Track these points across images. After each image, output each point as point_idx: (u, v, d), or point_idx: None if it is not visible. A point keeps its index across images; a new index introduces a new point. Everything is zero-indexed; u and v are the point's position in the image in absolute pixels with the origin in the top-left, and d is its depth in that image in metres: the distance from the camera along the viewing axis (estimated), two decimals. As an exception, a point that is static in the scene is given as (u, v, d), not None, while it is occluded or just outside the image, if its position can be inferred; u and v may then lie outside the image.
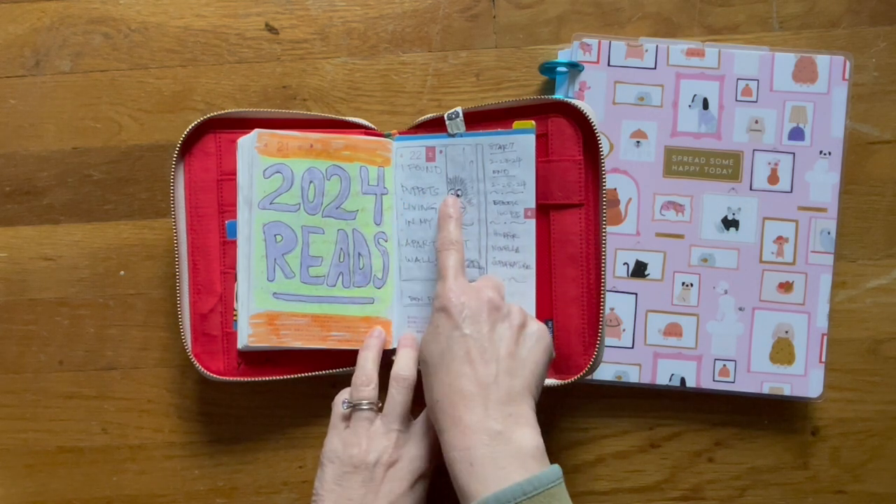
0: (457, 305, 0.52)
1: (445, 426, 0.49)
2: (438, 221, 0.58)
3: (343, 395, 0.57)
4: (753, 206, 0.60)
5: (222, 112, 0.59)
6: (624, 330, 0.60)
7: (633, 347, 0.60)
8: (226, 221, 0.60)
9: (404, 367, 0.57)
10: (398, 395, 0.55)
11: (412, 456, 0.54)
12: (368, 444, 0.54)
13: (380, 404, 0.56)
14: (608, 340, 0.60)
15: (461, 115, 0.58)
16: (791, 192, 0.60)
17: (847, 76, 0.59)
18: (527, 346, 0.52)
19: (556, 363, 0.57)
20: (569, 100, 0.56)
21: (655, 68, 0.60)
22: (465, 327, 0.51)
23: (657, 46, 0.59)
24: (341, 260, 0.59)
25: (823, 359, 0.59)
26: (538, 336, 0.53)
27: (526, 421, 0.49)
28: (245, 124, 0.59)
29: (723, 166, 0.60)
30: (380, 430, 0.54)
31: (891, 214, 0.62)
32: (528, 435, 0.49)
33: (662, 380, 0.60)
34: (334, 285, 0.59)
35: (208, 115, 0.59)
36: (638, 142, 0.60)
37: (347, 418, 0.56)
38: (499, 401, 0.49)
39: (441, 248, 0.56)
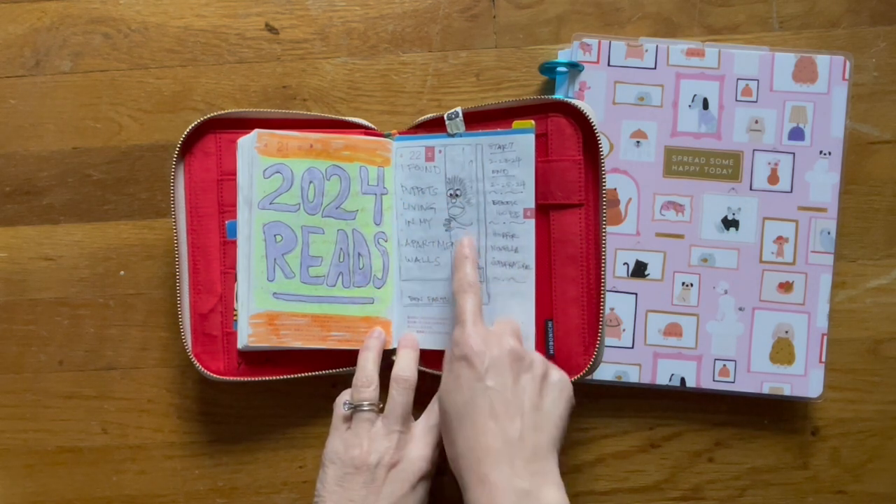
0: (478, 354, 0.51)
1: (470, 483, 0.49)
2: (454, 262, 0.57)
3: (344, 397, 0.57)
4: (753, 206, 0.60)
5: (222, 112, 0.59)
6: (624, 330, 0.60)
7: (633, 347, 0.60)
8: (226, 221, 0.60)
9: (405, 367, 0.56)
10: (399, 396, 0.55)
11: (414, 457, 0.54)
12: (370, 445, 0.54)
13: (381, 405, 0.56)
14: (608, 340, 0.60)
15: (461, 115, 0.58)
16: (791, 192, 0.60)
17: (847, 76, 0.59)
18: (550, 397, 0.52)
19: (556, 363, 0.57)
20: (569, 100, 0.56)
21: (655, 68, 0.60)
22: (489, 379, 0.50)
23: (657, 46, 0.59)
24: (341, 260, 0.59)
25: (823, 359, 0.59)
26: (561, 386, 0.52)
27: (552, 479, 0.49)
28: (245, 124, 0.59)
29: (723, 166, 0.60)
30: (381, 431, 0.54)
31: (891, 214, 0.62)
32: (554, 494, 0.48)
33: (662, 380, 0.60)
34: (334, 285, 0.59)
35: (208, 115, 0.59)
36: (638, 142, 0.60)
37: (349, 419, 0.56)
38: (525, 458, 0.48)
39: (458, 290, 0.55)
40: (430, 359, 0.60)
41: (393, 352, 0.60)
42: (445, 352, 0.55)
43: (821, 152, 0.59)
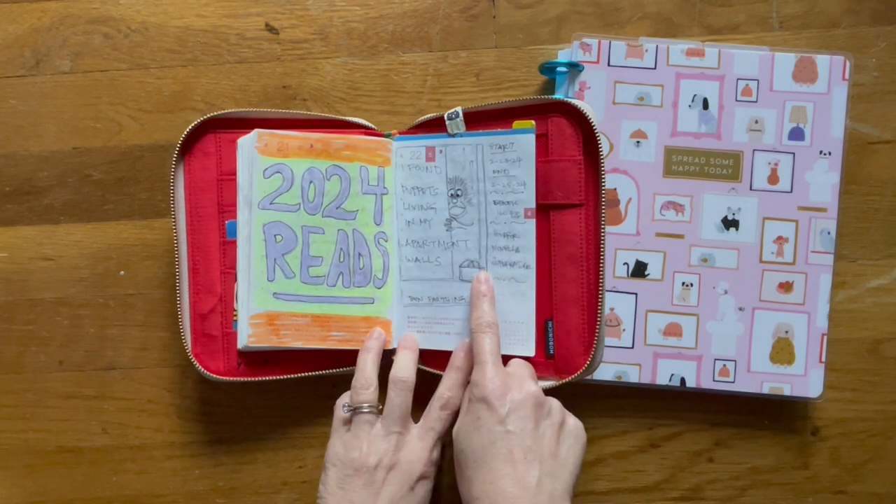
0: (499, 397, 0.51)
1: None
2: (472, 299, 0.57)
3: (344, 399, 0.57)
4: (753, 206, 0.60)
5: (222, 112, 0.59)
6: (624, 330, 0.60)
7: (633, 347, 0.60)
8: (226, 221, 0.60)
9: (403, 368, 0.56)
10: (397, 397, 0.55)
11: (412, 459, 0.54)
12: (369, 447, 0.54)
13: (380, 407, 0.56)
14: (608, 340, 0.60)
15: (461, 114, 0.58)
16: (791, 192, 0.60)
17: (847, 76, 0.59)
18: (567, 444, 0.52)
19: (555, 363, 0.57)
20: (569, 100, 0.56)
21: (655, 68, 0.60)
22: (510, 423, 0.51)
23: (657, 46, 0.59)
24: (341, 260, 0.59)
25: (823, 359, 0.59)
26: (577, 434, 0.53)
27: None
28: (245, 124, 0.59)
29: (723, 166, 0.60)
30: (380, 432, 0.54)
31: (891, 214, 0.62)
32: None
33: (662, 380, 0.60)
34: (334, 285, 0.59)
35: (208, 115, 0.59)
36: (638, 142, 0.60)
37: (348, 422, 0.56)
38: None
39: (476, 329, 0.55)
40: (430, 359, 0.60)
41: (393, 352, 0.60)
42: (465, 392, 0.55)
43: (821, 152, 0.59)
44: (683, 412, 0.62)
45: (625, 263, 0.60)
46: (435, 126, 0.59)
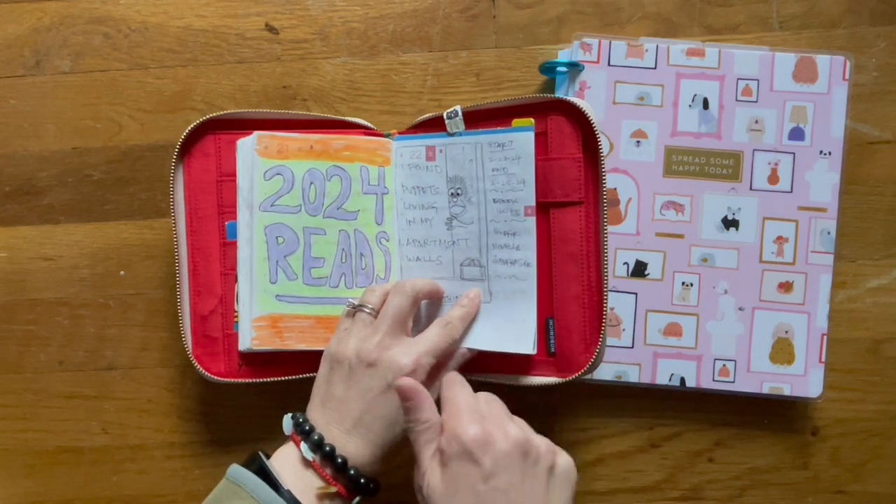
0: (482, 448, 0.46)
1: None
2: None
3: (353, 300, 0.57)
4: (753, 206, 0.60)
5: (222, 113, 0.59)
6: (624, 330, 0.60)
7: (633, 347, 0.60)
8: (226, 223, 0.60)
9: (416, 280, 0.57)
10: (396, 299, 0.55)
11: (395, 360, 0.52)
12: (356, 342, 0.53)
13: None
14: (608, 340, 0.60)
15: (460, 113, 0.58)
16: (791, 192, 0.60)
17: (847, 76, 0.59)
18: (556, 491, 0.47)
19: (556, 361, 0.57)
20: (567, 98, 0.56)
21: (655, 68, 0.60)
22: (498, 480, 0.45)
23: (657, 46, 0.60)
24: (343, 261, 0.59)
25: (823, 359, 0.59)
26: (566, 476, 0.48)
27: None
28: (245, 125, 0.59)
29: (723, 166, 0.60)
30: (369, 330, 0.54)
31: (891, 214, 0.62)
32: None
33: (662, 380, 0.60)
34: (337, 286, 0.59)
35: (208, 116, 0.59)
36: (638, 141, 0.60)
37: (350, 317, 0.56)
38: None
39: (447, 383, 0.51)
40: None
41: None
42: (434, 444, 0.49)
43: (821, 152, 0.59)
44: (683, 412, 0.62)
45: (625, 263, 0.60)
46: (434, 125, 0.59)
